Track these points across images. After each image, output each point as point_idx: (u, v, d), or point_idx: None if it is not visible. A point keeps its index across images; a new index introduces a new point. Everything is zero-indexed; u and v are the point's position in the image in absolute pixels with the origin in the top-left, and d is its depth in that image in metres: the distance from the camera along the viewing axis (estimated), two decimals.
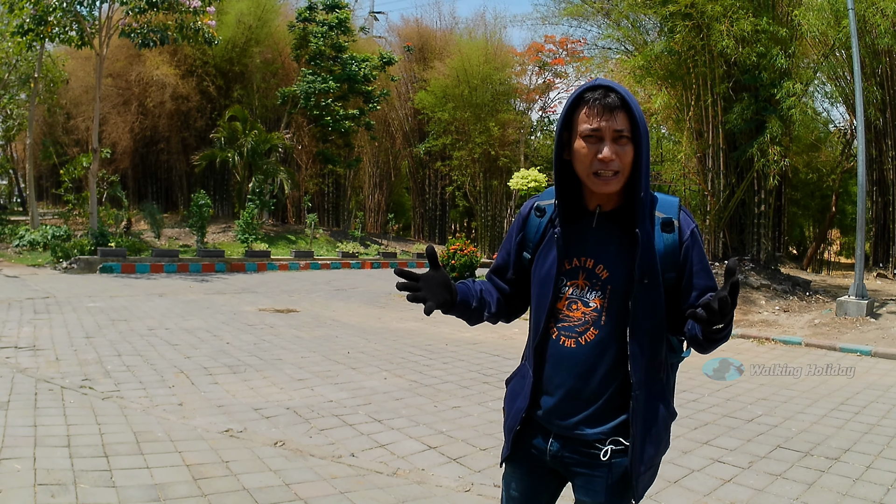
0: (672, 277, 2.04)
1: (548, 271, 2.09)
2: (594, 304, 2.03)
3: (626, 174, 1.98)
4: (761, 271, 14.94)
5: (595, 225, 2.06)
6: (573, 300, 2.06)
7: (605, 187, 1.97)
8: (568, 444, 2.10)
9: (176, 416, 5.78)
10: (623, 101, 1.94)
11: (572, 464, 2.11)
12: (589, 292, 2.05)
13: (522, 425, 2.18)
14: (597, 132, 1.93)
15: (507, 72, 38.05)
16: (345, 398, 6.60)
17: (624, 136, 1.94)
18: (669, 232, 2.04)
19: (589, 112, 1.94)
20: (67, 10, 19.02)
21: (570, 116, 2.01)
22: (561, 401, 2.08)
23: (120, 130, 31.99)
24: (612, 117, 1.92)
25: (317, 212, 34.19)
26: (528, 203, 2.25)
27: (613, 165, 1.93)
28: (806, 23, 13.33)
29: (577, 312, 2.05)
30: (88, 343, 8.79)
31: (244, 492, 4.19)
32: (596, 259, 2.05)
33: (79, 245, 20.11)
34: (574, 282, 2.07)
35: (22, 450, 4.63)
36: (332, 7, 33.11)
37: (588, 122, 1.94)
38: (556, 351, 2.08)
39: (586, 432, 2.06)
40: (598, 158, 1.93)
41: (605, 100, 1.93)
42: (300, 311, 13.15)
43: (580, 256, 2.07)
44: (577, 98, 1.98)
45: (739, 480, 4.69)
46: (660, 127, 26.64)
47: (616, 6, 16.63)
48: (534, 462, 2.20)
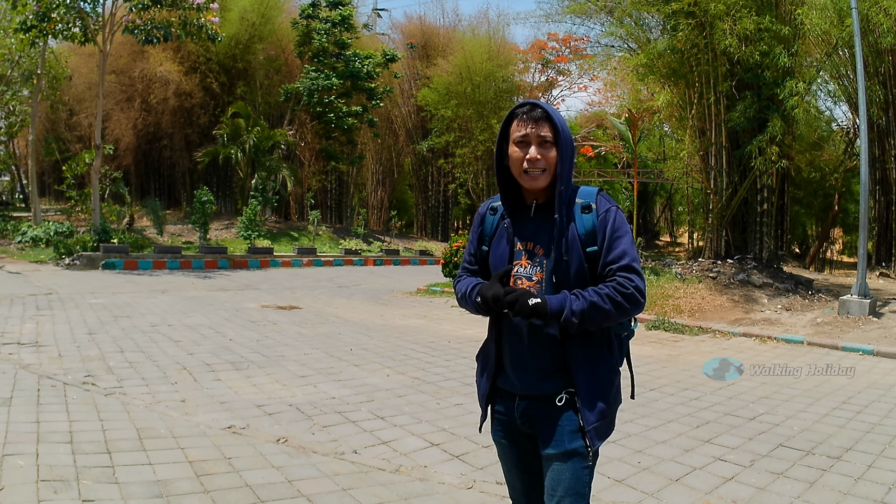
0: (595, 251, 2.39)
1: (501, 256, 2.51)
2: (536, 278, 2.42)
3: (552, 171, 2.41)
4: (764, 270, 14.92)
5: (532, 215, 2.49)
6: (518, 277, 2.45)
7: (534, 182, 2.41)
8: (532, 403, 2.45)
9: (178, 412, 5.79)
10: (546, 113, 2.40)
11: (537, 417, 2.44)
12: (531, 268, 2.44)
13: (491, 392, 2.58)
14: (525, 138, 2.39)
15: (510, 69, 38.06)
16: (347, 395, 6.61)
17: (548, 140, 2.39)
18: (588, 213, 2.43)
19: (519, 123, 2.42)
20: (71, 7, 19.06)
21: (505, 130, 2.47)
22: (518, 365, 2.45)
23: (123, 127, 32.01)
24: (538, 126, 2.39)
25: (320, 209, 34.21)
26: (485, 204, 2.70)
27: (540, 164, 2.38)
28: (809, 22, 13.29)
29: (523, 286, 2.42)
30: (91, 339, 8.81)
31: (247, 488, 4.19)
32: (535, 241, 2.45)
33: (81, 241, 20.14)
34: (519, 262, 2.47)
35: (24, 446, 4.65)
36: (335, 4, 33.10)
37: (518, 130, 2.41)
38: (509, 322, 2.46)
39: (545, 388, 2.41)
40: (527, 158, 2.38)
41: (531, 113, 2.40)
42: (303, 307, 13.15)
43: (523, 241, 2.48)
44: (511, 114, 2.45)
45: (741, 479, 4.69)
46: (662, 125, 26.64)
47: (619, 4, 16.59)
48: (511, 430, 2.55)
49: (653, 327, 11.59)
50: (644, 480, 4.61)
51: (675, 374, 8.17)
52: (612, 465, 4.87)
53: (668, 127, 29.20)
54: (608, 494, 4.37)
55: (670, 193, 46.27)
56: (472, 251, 2.69)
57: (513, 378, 2.47)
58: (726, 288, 13.76)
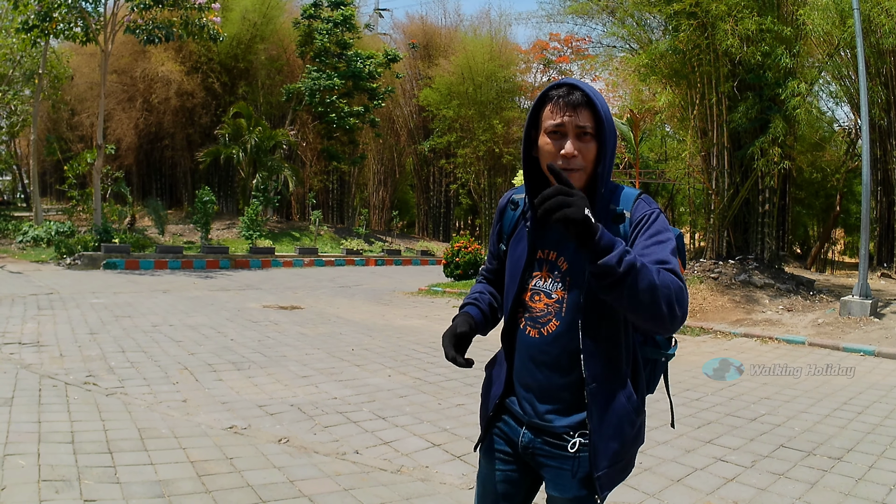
0: None
1: (516, 262, 2.15)
2: (556, 296, 2.06)
3: (589, 171, 2.01)
4: (765, 270, 14.91)
5: None
6: (536, 291, 2.10)
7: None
8: (538, 435, 2.11)
9: (180, 412, 5.79)
10: (587, 98, 1.96)
11: (541, 455, 2.11)
12: (552, 284, 2.08)
13: (496, 412, 2.23)
14: (560, 128, 1.96)
15: (512, 69, 38.04)
16: (349, 395, 6.61)
17: (587, 132, 1.96)
18: (619, 223, 2.03)
19: (553, 108, 1.98)
20: (72, 7, 19.06)
21: (536, 114, 2.05)
22: (529, 390, 2.12)
23: (124, 127, 32.00)
24: (576, 113, 1.95)
25: (321, 209, 34.21)
26: (506, 196, 2.32)
27: (576, 162, 1.96)
28: (811, 22, 13.28)
29: (541, 304, 2.09)
30: (92, 339, 8.82)
31: (248, 488, 4.20)
32: (558, 252, 2.08)
33: (82, 241, 20.14)
34: (538, 273, 2.11)
35: (26, 446, 4.65)
36: (337, 4, 33.10)
37: (552, 118, 1.98)
38: (522, 340, 2.13)
39: (554, 423, 2.07)
40: (561, 154, 1.96)
41: (568, 97, 1.96)
42: (304, 307, 13.16)
43: (544, 249, 2.11)
44: (543, 96, 2.02)
45: (742, 479, 4.70)
46: (664, 125, 26.63)
47: (621, 4, 16.58)
48: (508, 455, 2.21)
49: None
50: (645, 481, 4.61)
51: (676, 374, 8.17)
52: None
53: (669, 127, 29.18)
54: (609, 495, 4.36)
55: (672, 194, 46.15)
56: (492, 249, 2.38)
57: (524, 403, 2.14)
58: (727, 288, 13.76)
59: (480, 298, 2.34)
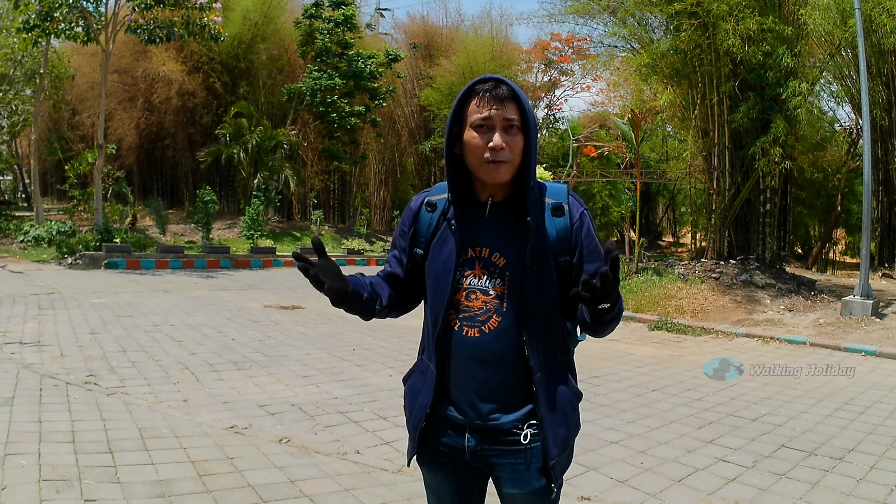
0: (566, 261, 2.06)
1: (445, 263, 2.09)
2: (494, 292, 2.05)
3: (517, 163, 2.01)
4: (766, 270, 14.91)
5: (488, 215, 2.08)
6: (472, 290, 2.07)
7: (496, 175, 1.99)
8: (485, 437, 2.09)
9: (181, 412, 5.79)
10: (513, 92, 1.98)
11: (493, 455, 2.09)
12: (488, 281, 2.06)
13: (429, 422, 2.19)
14: (487, 121, 1.97)
15: (513, 69, 38.00)
16: (350, 395, 6.61)
17: (514, 125, 1.98)
18: (560, 216, 2.07)
19: (479, 103, 1.98)
20: (73, 6, 19.04)
21: (460, 110, 2.04)
22: (471, 392, 2.07)
23: (125, 126, 32.00)
24: (503, 107, 1.96)
25: (322, 208, 34.21)
26: (418, 198, 2.26)
27: (504, 154, 1.96)
28: (812, 22, 13.29)
29: (478, 302, 2.06)
30: (93, 339, 8.82)
31: (249, 488, 4.20)
32: (491, 248, 2.06)
33: (84, 241, 20.14)
34: (471, 272, 2.08)
35: (27, 445, 4.65)
36: (338, 4, 33.10)
37: (479, 111, 1.98)
38: (459, 342, 2.07)
39: (502, 420, 2.06)
40: (490, 146, 1.96)
41: (495, 91, 1.97)
42: (305, 307, 13.16)
43: (475, 247, 2.08)
44: (468, 91, 2.02)
45: (744, 479, 4.69)
46: (665, 125, 26.62)
47: (622, 4, 16.58)
48: (454, 462, 2.19)
49: (655, 328, 11.59)
50: (647, 481, 4.61)
51: (677, 374, 8.17)
52: (614, 465, 4.87)
53: (670, 127, 29.18)
54: (611, 495, 4.37)
55: (673, 194, 46.16)
56: (397, 255, 2.29)
57: (464, 407, 2.08)
58: (729, 288, 13.75)
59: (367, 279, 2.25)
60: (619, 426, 5.89)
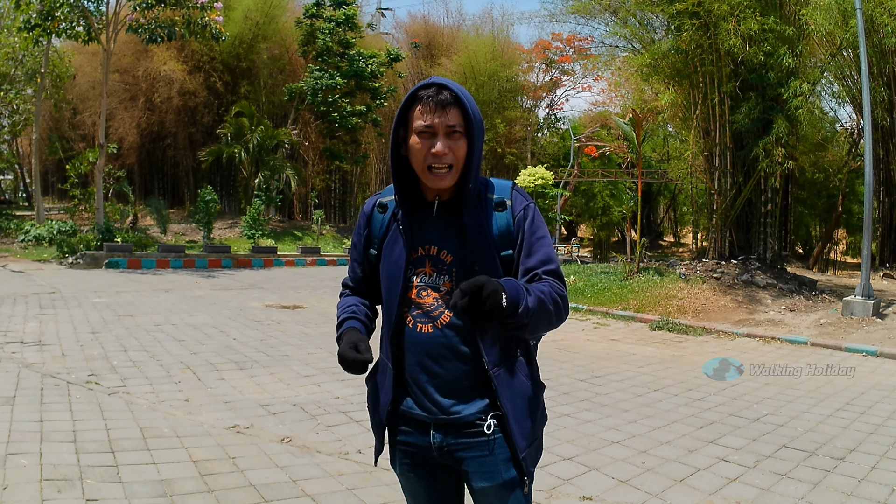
0: (510, 254, 2.09)
1: (395, 262, 2.13)
2: (444, 288, 2.08)
3: (460, 167, 2.05)
4: (767, 270, 14.90)
5: (435, 214, 2.11)
6: (422, 287, 2.10)
7: (439, 182, 2.03)
8: (450, 431, 2.10)
9: (182, 411, 5.79)
10: (456, 97, 2.00)
11: (460, 449, 2.10)
12: (437, 277, 2.10)
13: (392, 421, 2.21)
14: (430, 128, 2.00)
15: (514, 69, 38.05)
16: (351, 395, 6.61)
17: (457, 130, 2.01)
18: (502, 211, 2.11)
19: (423, 109, 2.00)
20: (74, 6, 19.06)
21: (405, 114, 2.06)
22: (430, 387, 2.09)
23: (126, 126, 32.05)
24: (445, 113, 1.99)
25: (323, 208, 34.24)
26: (371, 200, 2.29)
27: (447, 159, 2.00)
28: (813, 22, 13.27)
29: (429, 298, 2.09)
30: (94, 338, 8.82)
31: (251, 488, 4.20)
32: (439, 246, 2.10)
33: (85, 240, 20.16)
34: (421, 269, 2.11)
35: (28, 445, 4.65)
36: (339, 3, 33.12)
37: (422, 118, 2.00)
38: (413, 338, 2.10)
39: (464, 413, 2.08)
40: (432, 153, 1.99)
41: (438, 97, 2.00)
42: (307, 307, 13.16)
43: (424, 245, 2.12)
44: (412, 96, 2.04)
45: (745, 479, 4.69)
46: (667, 125, 26.61)
47: (623, 4, 16.58)
48: (424, 463, 2.19)
49: (656, 328, 11.58)
50: (648, 481, 4.61)
51: (678, 374, 8.17)
52: (616, 465, 4.87)
53: (672, 127, 29.15)
54: (612, 495, 4.37)
55: (674, 194, 46.15)
56: (356, 257, 2.32)
57: (425, 403, 2.10)
58: (730, 288, 13.75)
59: (357, 311, 2.28)
60: (621, 426, 5.88)
